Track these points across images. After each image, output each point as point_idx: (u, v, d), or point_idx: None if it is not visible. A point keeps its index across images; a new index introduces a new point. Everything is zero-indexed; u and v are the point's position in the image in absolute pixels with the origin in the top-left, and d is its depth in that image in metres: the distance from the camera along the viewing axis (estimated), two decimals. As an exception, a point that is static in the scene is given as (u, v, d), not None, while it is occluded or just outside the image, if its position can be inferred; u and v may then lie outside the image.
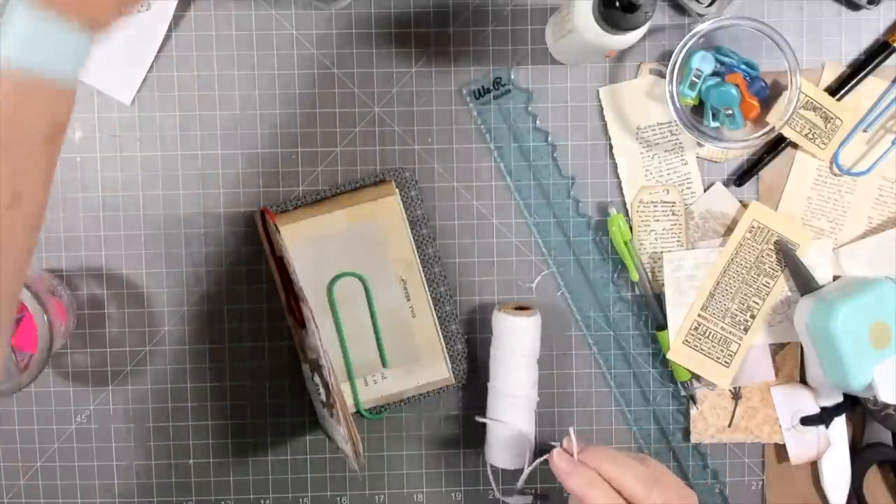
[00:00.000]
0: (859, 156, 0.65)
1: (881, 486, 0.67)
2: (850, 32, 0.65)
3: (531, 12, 0.65)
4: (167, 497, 0.67)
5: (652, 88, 0.65)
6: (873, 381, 0.59)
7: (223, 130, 0.65)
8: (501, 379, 0.63)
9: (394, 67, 0.65)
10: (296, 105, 0.65)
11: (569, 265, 0.66)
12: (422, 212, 0.65)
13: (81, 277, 0.66)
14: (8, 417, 0.66)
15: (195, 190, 0.65)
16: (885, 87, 0.65)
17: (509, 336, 0.62)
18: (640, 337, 0.67)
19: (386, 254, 0.64)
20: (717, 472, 0.67)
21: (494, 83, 0.64)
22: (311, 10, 0.64)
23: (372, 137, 0.65)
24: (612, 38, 0.54)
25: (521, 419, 0.63)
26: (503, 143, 0.65)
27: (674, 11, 0.65)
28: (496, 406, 0.63)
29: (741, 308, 0.65)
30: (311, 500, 0.67)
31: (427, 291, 0.65)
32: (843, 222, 0.66)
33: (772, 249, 0.65)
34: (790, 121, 0.63)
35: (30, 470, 0.66)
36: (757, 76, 0.63)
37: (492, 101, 0.64)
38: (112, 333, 0.66)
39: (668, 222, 0.65)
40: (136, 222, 0.65)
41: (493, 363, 0.63)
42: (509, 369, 0.62)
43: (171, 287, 0.66)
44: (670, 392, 0.67)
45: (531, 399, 0.63)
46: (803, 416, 0.65)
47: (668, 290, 0.65)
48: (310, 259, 0.64)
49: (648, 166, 0.65)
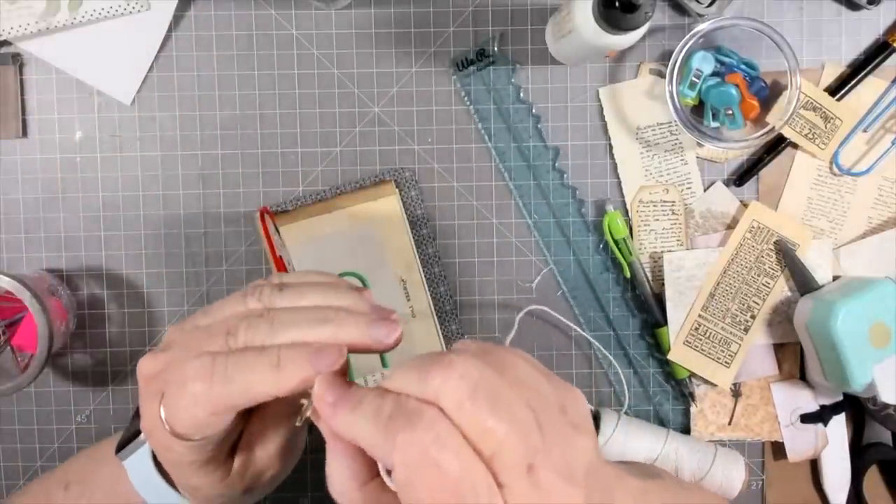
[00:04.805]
0: (859, 156, 0.65)
1: (881, 486, 0.67)
2: (850, 32, 0.65)
3: (531, 12, 0.65)
4: (167, 497, 0.67)
5: (652, 88, 0.65)
6: (873, 381, 0.59)
7: (223, 130, 0.65)
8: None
9: (394, 67, 0.65)
10: (296, 105, 0.65)
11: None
12: (422, 212, 0.65)
13: (81, 277, 0.66)
14: (8, 417, 0.66)
15: (195, 190, 0.65)
16: (884, 87, 0.65)
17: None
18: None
19: (386, 254, 0.64)
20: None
21: (478, 55, 0.64)
22: (311, 10, 0.64)
23: (372, 137, 0.65)
24: (612, 38, 0.54)
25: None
26: (488, 120, 0.65)
27: (674, 11, 0.65)
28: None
29: (741, 308, 0.65)
30: (311, 500, 0.67)
31: (427, 291, 0.65)
32: (843, 222, 0.66)
33: (772, 249, 0.65)
34: (790, 121, 0.63)
35: (30, 470, 0.66)
36: (757, 76, 0.63)
37: (473, 73, 0.64)
38: (112, 333, 0.66)
39: (667, 222, 0.65)
40: (136, 222, 0.65)
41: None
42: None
43: (171, 287, 0.66)
44: (670, 391, 0.67)
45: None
46: (802, 413, 0.65)
47: (668, 290, 0.65)
48: (310, 259, 0.64)
49: (648, 166, 0.65)
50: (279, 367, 0.35)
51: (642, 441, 0.64)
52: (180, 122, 0.65)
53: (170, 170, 0.65)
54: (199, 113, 0.65)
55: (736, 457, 0.64)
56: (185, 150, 0.65)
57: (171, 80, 0.65)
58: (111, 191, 0.65)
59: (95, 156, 0.65)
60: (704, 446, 0.64)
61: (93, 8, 0.62)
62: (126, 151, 0.65)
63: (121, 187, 0.65)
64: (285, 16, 0.64)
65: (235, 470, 0.40)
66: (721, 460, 0.63)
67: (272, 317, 0.36)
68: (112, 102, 0.65)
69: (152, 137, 0.65)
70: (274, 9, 0.64)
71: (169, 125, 0.65)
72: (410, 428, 0.30)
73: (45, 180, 0.65)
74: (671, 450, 0.64)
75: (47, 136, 0.65)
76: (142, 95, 0.65)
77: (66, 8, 0.62)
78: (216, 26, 0.64)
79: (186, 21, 0.64)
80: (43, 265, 0.65)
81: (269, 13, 0.64)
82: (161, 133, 0.65)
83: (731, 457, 0.64)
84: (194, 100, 0.65)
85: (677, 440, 0.64)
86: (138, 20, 0.63)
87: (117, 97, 0.64)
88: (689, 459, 0.63)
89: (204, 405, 0.35)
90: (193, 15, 0.64)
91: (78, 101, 0.65)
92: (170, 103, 0.65)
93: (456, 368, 0.31)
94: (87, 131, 0.65)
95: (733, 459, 0.64)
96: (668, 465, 0.63)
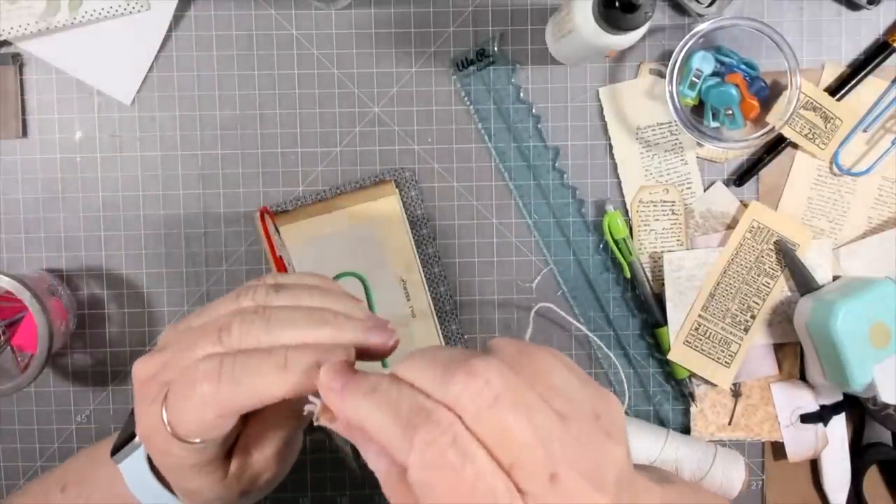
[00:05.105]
0: (859, 156, 0.65)
1: (881, 486, 0.67)
2: (850, 32, 0.65)
3: (531, 12, 0.65)
4: (167, 497, 0.67)
5: (652, 88, 0.65)
6: (873, 381, 0.59)
7: (223, 130, 0.65)
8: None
9: (394, 67, 0.65)
10: (296, 105, 0.65)
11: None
12: (422, 212, 0.65)
13: (81, 277, 0.66)
14: (8, 417, 0.66)
15: (195, 190, 0.65)
16: (884, 87, 0.65)
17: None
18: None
19: (386, 254, 0.64)
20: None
21: (478, 55, 0.64)
22: (311, 10, 0.64)
23: (372, 137, 0.65)
24: (612, 38, 0.54)
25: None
26: (488, 120, 0.65)
27: (674, 11, 0.65)
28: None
29: (741, 308, 0.65)
30: (311, 500, 0.67)
31: (427, 291, 0.65)
32: (843, 222, 0.66)
33: (772, 249, 0.65)
34: (790, 121, 0.63)
35: (30, 470, 0.66)
36: (757, 76, 0.63)
37: (473, 73, 0.64)
38: (112, 333, 0.66)
39: (667, 222, 0.65)
40: (136, 222, 0.65)
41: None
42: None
43: (171, 287, 0.66)
44: (670, 391, 0.67)
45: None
46: (802, 413, 0.65)
47: (668, 290, 0.65)
48: (310, 259, 0.64)
49: (648, 166, 0.65)
50: (286, 369, 0.34)
51: (642, 441, 0.64)
52: (180, 122, 0.65)
53: (170, 170, 0.65)
54: (199, 113, 0.65)
55: (736, 457, 0.64)
56: (185, 150, 0.65)
57: (171, 80, 0.65)
58: (111, 191, 0.65)
59: (95, 156, 0.65)
60: (704, 446, 0.64)
61: (93, 8, 0.62)
62: (126, 151, 0.65)
63: (121, 187, 0.65)
64: (285, 16, 0.64)
65: (232, 473, 0.40)
66: (721, 460, 0.63)
67: (268, 315, 0.36)
68: (112, 102, 0.65)
69: (152, 137, 0.65)
70: (274, 9, 0.64)
71: (169, 125, 0.65)
72: (428, 429, 0.29)
73: (45, 180, 0.65)
74: (671, 450, 0.64)
75: (47, 136, 0.65)
76: (142, 95, 0.65)
77: (66, 8, 0.62)
78: (216, 26, 0.64)
79: (186, 21, 0.64)
80: (43, 265, 0.65)
81: (269, 13, 0.64)
82: (161, 133, 0.65)
83: (731, 457, 0.64)
84: (194, 100, 0.65)
85: (677, 440, 0.64)
86: (138, 20, 0.63)
87: (117, 97, 0.64)
88: (689, 459, 0.63)
89: (212, 407, 0.35)
90: (193, 15, 0.64)
91: (78, 101, 0.65)
92: (170, 103, 0.65)
93: (480, 376, 0.30)
94: (87, 131, 0.65)
95: (733, 459, 0.64)
96: (669, 465, 0.63)
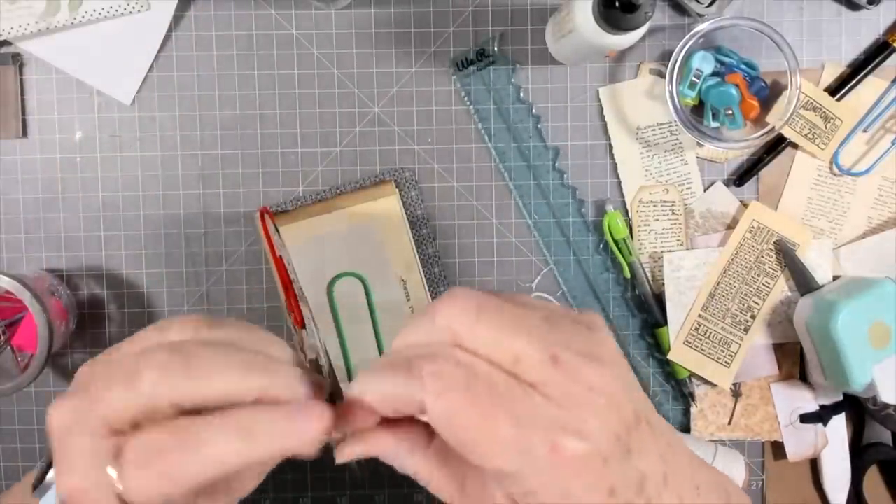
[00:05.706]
0: (859, 156, 0.65)
1: (881, 486, 0.67)
2: (850, 32, 0.65)
3: (531, 12, 0.65)
4: (167, 497, 0.67)
5: (652, 88, 0.65)
6: (873, 381, 0.59)
7: (223, 130, 0.65)
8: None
9: (394, 67, 0.65)
10: (296, 105, 0.65)
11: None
12: (422, 212, 0.65)
13: (81, 277, 0.66)
14: (8, 417, 0.66)
15: (195, 190, 0.65)
16: (884, 87, 0.65)
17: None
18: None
19: (386, 254, 0.64)
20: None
21: (478, 55, 0.64)
22: (311, 10, 0.64)
23: (372, 137, 0.65)
24: (612, 38, 0.54)
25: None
26: (488, 120, 0.65)
27: (674, 11, 0.65)
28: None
29: (741, 308, 0.65)
30: (311, 500, 0.67)
31: (427, 291, 0.65)
32: (843, 222, 0.66)
33: (772, 249, 0.65)
34: (790, 121, 0.63)
35: (29, 470, 0.66)
36: (757, 76, 0.63)
37: (473, 73, 0.64)
38: (112, 333, 0.66)
39: (667, 222, 0.65)
40: (136, 222, 0.65)
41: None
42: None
43: (171, 287, 0.66)
44: (670, 391, 0.67)
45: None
46: (802, 413, 0.65)
47: (668, 290, 0.65)
48: (310, 259, 0.64)
49: (648, 166, 0.65)
50: (251, 434, 0.30)
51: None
52: (180, 122, 0.65)
53: (170, 170, 0.65)
54: (199, 113, 0.65)
55: (736, 456, 0.64)
56: (185, 150, 0.65)
57: (171, 80, 0.65)
58: (111, 191, 0.65)
59: (95, 156, 0.65)
60: (704, 446, 0.64)
61: (93, 8, 0.62)
62: (126, 151, 0.65)
63: (121, 187, 0.65)
64: (285, 16, 0.64)
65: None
66: (721, 460, 0.63)
67: (189, 355, 0.32)
68: (112, 102, 0.65)
69: (152, 137, 0.65)
70: (274, 9, 0.64)
71: (169, 125, 0.65)
72: (430, 361, 0.30)
73: (45, 180, 0.65)
74: (671, 450, 0.63)
75: (47, 136, 0.65)
76: (142, 95, 0.65)
77: (66, 8, 0.62)
78: (216, 26, 0.64)
79: (186, 21, 0.64)
80: (43, 265, 0.65)
81: (269, 13, 0.64)
82: (161, 133, 0.65)
83: (731, 456, 0.64)
84: (194, 100, 0.65)
85: (677, 440, 0.64)
86: (138, 20, 0.63)
87: (117, 97, 0.64)
88: (689, 459, 0.63)
89: (177, 481, 0.31)
90: (193, 15, 0.64)
91: (78, 101, 0.65)
92: (170, 103, 0.65)
93: (457, 297, 0.32)
94: (87, 131, 0.65)
95: (733, 459, 0.64)
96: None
